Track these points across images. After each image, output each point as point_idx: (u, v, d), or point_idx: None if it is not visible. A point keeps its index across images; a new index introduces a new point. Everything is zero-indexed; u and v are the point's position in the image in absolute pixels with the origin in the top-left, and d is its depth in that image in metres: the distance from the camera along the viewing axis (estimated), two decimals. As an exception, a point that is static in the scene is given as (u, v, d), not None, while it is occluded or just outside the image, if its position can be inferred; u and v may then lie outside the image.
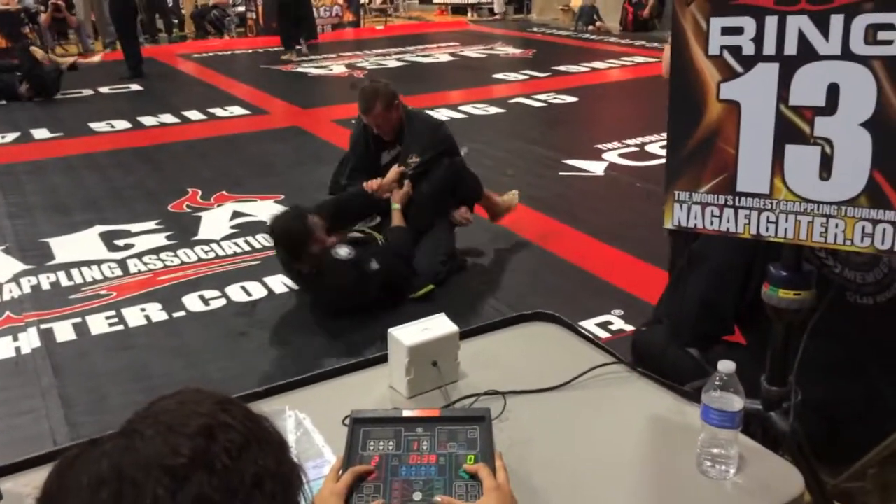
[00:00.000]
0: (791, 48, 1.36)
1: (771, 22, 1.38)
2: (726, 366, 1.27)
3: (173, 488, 0.66)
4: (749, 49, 1.41)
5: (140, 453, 0.68)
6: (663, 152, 1.53)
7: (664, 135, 1.53)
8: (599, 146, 5.73)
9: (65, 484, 0.68)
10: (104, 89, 8.35)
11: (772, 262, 1.47)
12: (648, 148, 5.61)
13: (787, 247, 1.44)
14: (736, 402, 1.25)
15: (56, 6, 10.74)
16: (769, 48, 1.40)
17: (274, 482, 0.72)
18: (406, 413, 1.34)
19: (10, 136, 6.41)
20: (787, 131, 1.41)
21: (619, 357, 1.61)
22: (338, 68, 9.62)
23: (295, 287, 3.55)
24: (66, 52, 10.78)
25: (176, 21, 12.72)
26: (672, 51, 1.51)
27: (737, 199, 1.47)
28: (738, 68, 1.43)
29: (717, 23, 1.44)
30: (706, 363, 1.68)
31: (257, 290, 3.55)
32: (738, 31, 1.42)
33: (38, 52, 7.79)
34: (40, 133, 6.52)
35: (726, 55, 1.44)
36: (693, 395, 1.46)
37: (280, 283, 3.61)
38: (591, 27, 12.58)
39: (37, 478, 1.33)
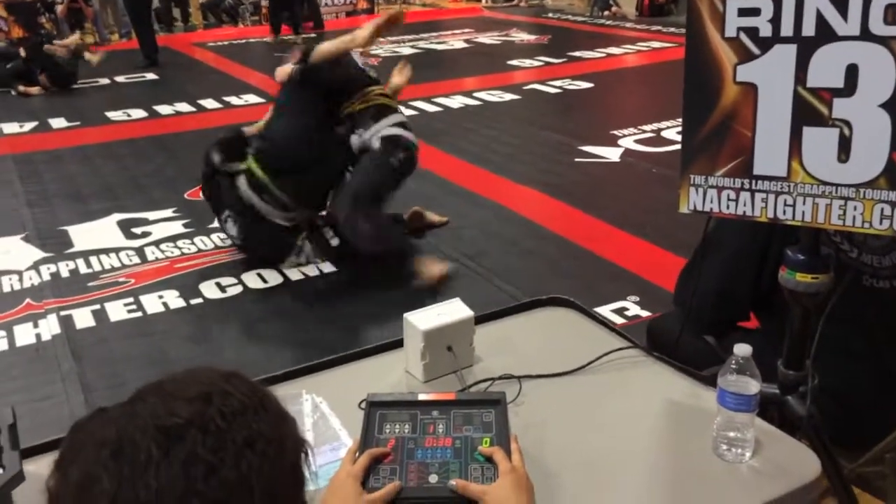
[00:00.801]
0: (809, 29, 1.34)
1: (788, 3, 1.37)
2: (742, 349, 1.26)
3: (167, 446, 0.70)
4: (766, 30, 1.40)
5: (140, 416, 0.73)
6: (679, 138, 1.52)
7: (681, 120, 1.52)
8: (615, 132, 5.69)
9: (75, 445, 0.74)
10: (120, 78, 8.40)
11: (788, 245, 1.46)
12: (665, 134, 5.57)
13: (805, 230, 1.43)
14: (752, 386, 1.25)
15: None
16: (787, 29, 1.38)
17: (266, 443, 0.75)
18: (422, 396, 1.35)
19: (28, 126, 6.47)
20: (805, 113, 1.39)
21: (635, 342, 1.61)
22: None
23: (311, 275, 3.58)
24: (83, 41, 10.83)
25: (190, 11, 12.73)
26: (687, 33, 1.49)
27: (753, 182, 1.46)
28: (755, 50, 1.42)
29: (733, 4, 1.42)
30: (722, 350, 1.67)
31: (273, 278, 3.57)
32: (754, 12, 1.40)
33: (52, 49, 7.81)
34: (58, 122, 6.57)
35: (743, 37, 1.42)
36: (709, 380, 1.45)
37: (297, 271, 3.63)
38: (606, 12, 12.47)
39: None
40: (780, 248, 1.48)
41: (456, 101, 6.96)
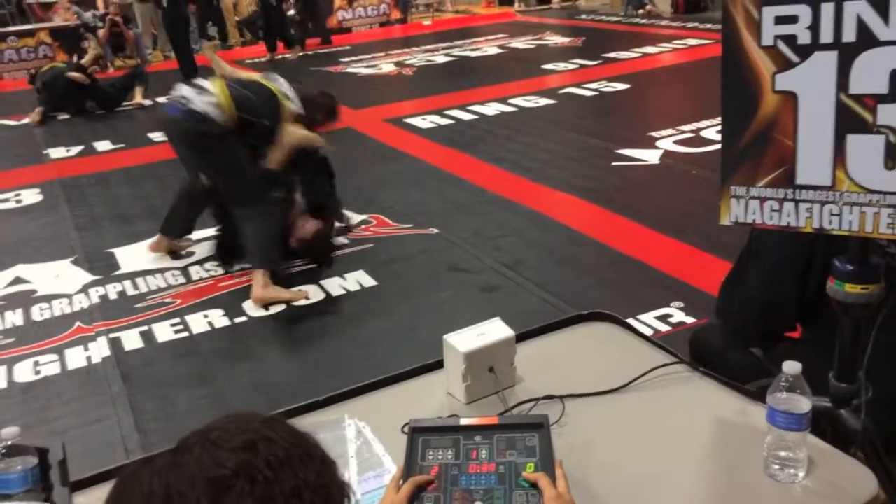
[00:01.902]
0: (850, 35, 1.31)
1: (827, 9, 1.33)
2: (792, 367, 1.23)
3: (215, 498, 0.70)
4: (805, 38, 1.37)
5: (186, 469, 0.73)
6: (719, 137, 1.49)
7: (720, 119, 1.49)
8: (653, 133, 5.62)
9: (122, 498, 0.74)
10: (161, 99, 8.55)
11: (833, 253, 1.42)
12: (704, 133, 5.48)
13: (853, 239, 1.39)
14: (803, 404, 1.21)
15: (113, 21, 11.05)
16: (826, 36, 1.35)
17: (314, 493, 0.75)
18: (464, 421, 1.34)
19: (75, 150, 6.64)
20: (848, 121, 1.35)
21: (680, 357, 1.58)
22: (386, 66, 9.67)
23: (353, 290, 3.60)
24: (125, 65, 11.08)
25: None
26: (723, 42, 1.47)
27: (797, 192, 1.42)
28: (794, 58, 1.38)
29: (769, 12, 1.39)
30: (769, 362, 1.63)
31: (315, 294, 3.60)
32: (792, 19, 1.37)
33: (76, 76, 7.97)
34: (102, 145, 6.73)
35: (781, 45, 1.39)
36: (757, 395, 1.42)
37: (338, 286, 3.65)
38: (640, 11, 12.35)
39: (105, 493, 1.38)
40: (825, 256, 1.45)
41: (491, 108, 6.95)
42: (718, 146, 1.51)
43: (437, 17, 14.38)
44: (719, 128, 1.52)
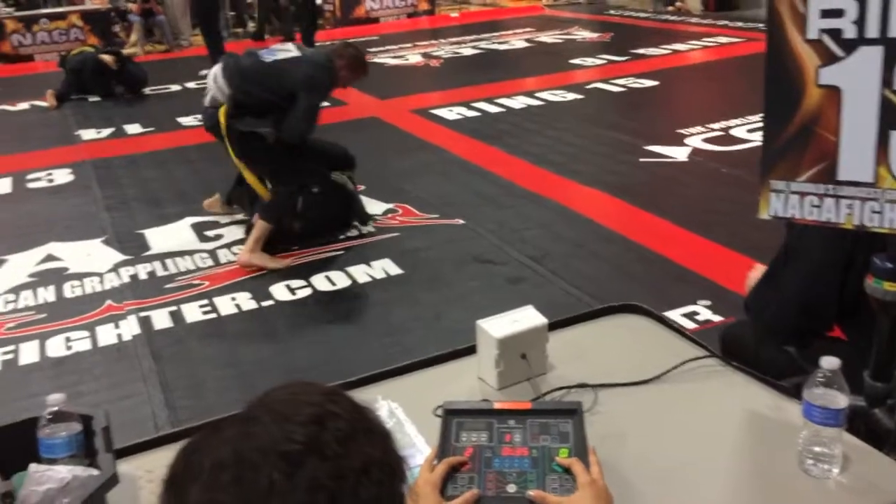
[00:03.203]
0: (897, 30, 1.30)
1: (874, 3, 1.33)
2: (830, 362, 1.23)
3: (289, 472, 0.70)
4: (850, 32, 1.36)
5: (257, 439, 0.73)
6: (749, 136, 1.50)
7: (750, 118, 1.50)
8: (682, 131, 5.58)
9: (190, 466, 0.74)
10: (190, 84, 8.63)
11: (875, 252, 1.42)
12: (734, 132, 5.43)
13: (893, 237, 1.38)
14: (840, 400, 1.21)
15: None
16: (872, 30, 1.34)
17: (380, 470, 0.75)
18: (498, 405, 1.35)
19: (106, 132, 6.72)
20: (893, 117, 1.35)
21: (712, 350, 1.58)
22: (413, 57, 9.68)
23: (378, 277, 3.63)
24: (154, 49, 11.18)
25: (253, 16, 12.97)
26: (767, 35, 1.46)
27: (838, 188, 1.42)
28: (839, 52, 1.38)
29: (815, 5, 1.39)
30: (804, 360, 1.63)
31: (341, 280, 3.63)
32: (838, 13, 1.37)
33: (106, 58, 8.05)
34: (133, 128, 6.80)
35: (826, 39, 1.39)
36: (792, 391, 1.42)
37: (364, 273, 3.68)
38: (670, 7, 12.24)
39: (147, 461, 1.41)
40: (866, 255, 1.44)
41: (518, 102, 6.94)
42: (748, 145, 1.51)
43: (464, 10, 14.35)
44: (750, 126, 1.52)
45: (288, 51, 3.92)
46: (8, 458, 1.23)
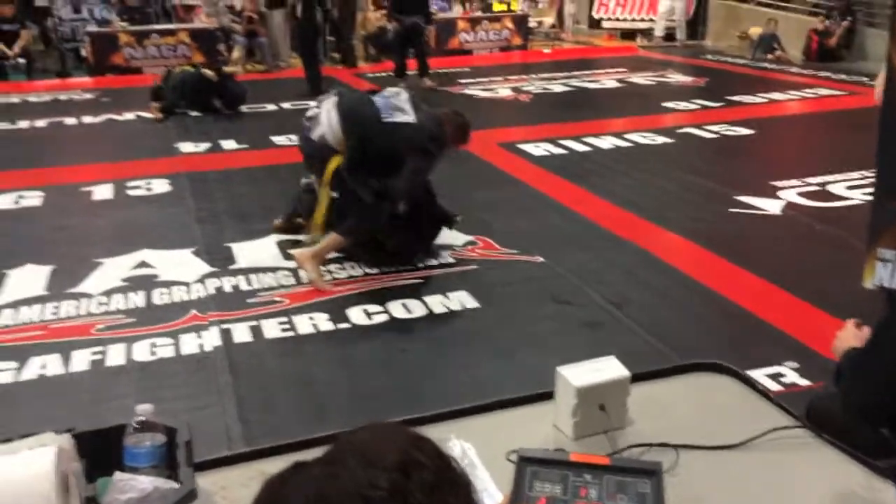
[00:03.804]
0: None
1: None
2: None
3: None
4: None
5: (342, 481, 0.74)
6: (848, 193, 1.44)
7: (850, 174, 1.44)
8: (776, 183, 5.42)
9: (275, 501, 0.75)
10: (286, 105, 8.92)
11: None
12: (831, 188, 5.23)
13: None
14: (944, 489, 1.13)
15: (250, 18, 11.71)
16: None
17: None
18: (574, 457, 1.32)
19: (203, 146, 6.99)
20: None
21: (804, 421, 1.51)
22: (503, 91, 9.75)
23: (455, 309, 3.63)
24: (255, 69, 11.63)
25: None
26: (885, 94, 1.41)
27: (953, 262, 1.35)
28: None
29: (940, 70, 1.33)
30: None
31: (418, 309, 3.65)
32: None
33: (208, 72, 8.41)
34: (228, 144, 7.06)
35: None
36: (887, 472, 1.34)
37: (441, 304, 3.69)
38: (769, 56, 11.98)
39: (221, 478, 1.43)
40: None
41: (606, 142, 6.89)
42: (847, 202, 1.45)
43: (557, 47, 14.40)
44: (849, 183, 1.46)
45: (403, 109, 4.00)
46: (94, 461, 1.27)
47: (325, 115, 3.98)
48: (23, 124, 8.02)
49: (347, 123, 3.93)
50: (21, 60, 10.99)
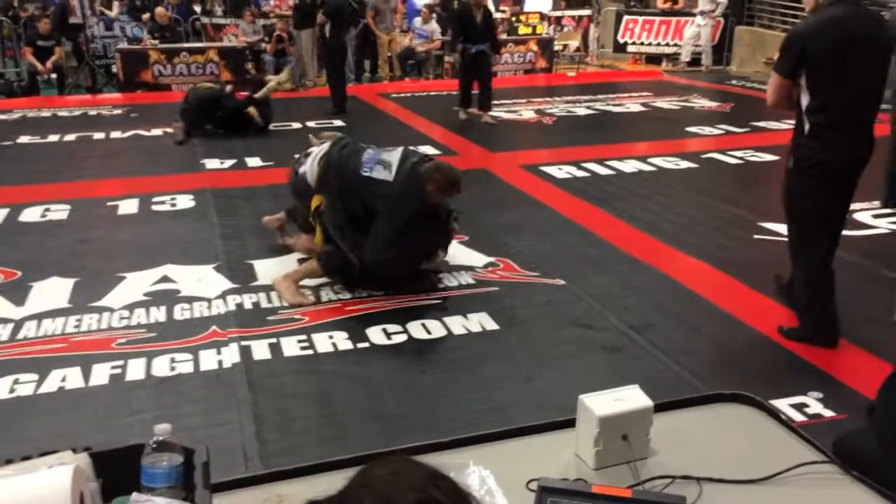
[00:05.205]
0: None
1: None
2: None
3: None
4: None
5: None
6: (875, 222, 1.40)
7: (877, 203, 1.40)
8: (801, 210, 5.35)
9: None
10: (311, 123, 8.98)
11: None
12: (858, 216, 5.15)
13: None
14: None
15: (280, 37, 11.84)
16: None
17: None
18: (595, 488, 1.30)
19: (228, 163, 7.05)
20: None
21: (831, 456, 1.48)
22: (527, 113, 9.76)
23: (475, 330, 3.61)
24: (280, 87, 11.73)
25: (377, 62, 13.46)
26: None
27: None
28: None
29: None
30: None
31: (437, 330, 3.63)
32: None
33: (252, 112, 8.47)
34: (253, 161, 7.11)
35: None
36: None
37: (460, 325, 3.67)
38: (796, 81, 11.89)
39: (238, 500, 1.42)
40: None
41: (629, 166, 6.86)
42: (873, 231, 1.42)
43: (581, 70, 14.41)
44: (875, 212, 1.43)
45: (387, 164, 3.99)
46: (111, 481, 1.26)
47: (313, 158, 4.21)
48: (53, 138, 8.14)
49: (323, 177, 4.10)
50: (53, 76, 11.19)
